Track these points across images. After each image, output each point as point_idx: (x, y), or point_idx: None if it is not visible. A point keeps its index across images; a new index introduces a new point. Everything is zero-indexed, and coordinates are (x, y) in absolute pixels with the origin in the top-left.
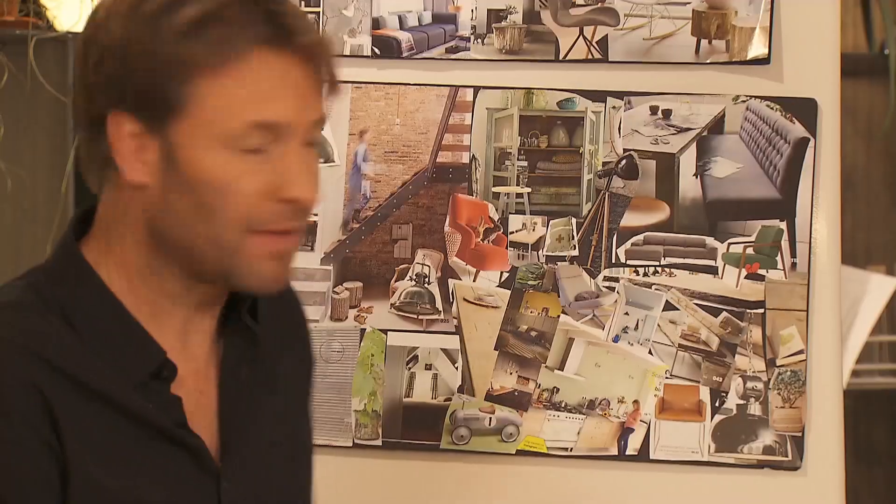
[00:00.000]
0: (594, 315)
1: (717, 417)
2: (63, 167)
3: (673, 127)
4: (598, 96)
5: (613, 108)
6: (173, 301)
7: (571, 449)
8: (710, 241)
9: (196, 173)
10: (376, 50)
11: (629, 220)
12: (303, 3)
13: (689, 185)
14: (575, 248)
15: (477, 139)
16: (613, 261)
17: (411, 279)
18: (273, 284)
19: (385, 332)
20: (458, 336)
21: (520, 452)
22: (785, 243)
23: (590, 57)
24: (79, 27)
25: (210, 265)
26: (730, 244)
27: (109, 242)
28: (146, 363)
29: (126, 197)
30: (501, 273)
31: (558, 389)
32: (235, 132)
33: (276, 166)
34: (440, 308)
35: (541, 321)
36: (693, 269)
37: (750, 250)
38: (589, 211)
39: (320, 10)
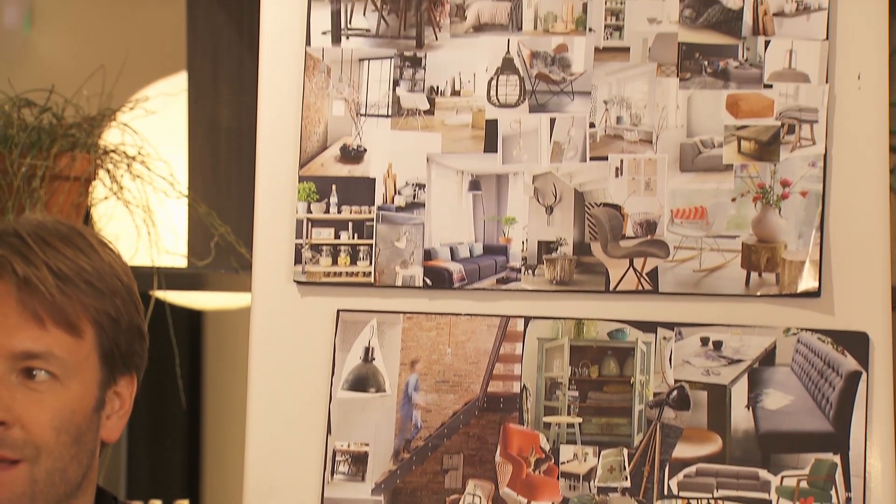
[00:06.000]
0: None
1: None
2: None
3: (724, 358)
4: (648, 327)
5: (664, 338)
6: None
7: None
8: (763, 473)
9: None
10: (428, 281)
11: (681, 451)
12: (355, 235)
13: (741, 417)
14: (627, 480)
15: (528, 369)
16: (665, 492)
17: None
18: None
19: None
20: None
21: None
22: (839, 477)
23: (640, 288)
24: None
25: None
26: (783, 477)
27: None
28: None
29: None
30: None
31: None
32: None
33: None
34: None
35: None
36: (746, 501)
37: (804, 484)
38: (640, 442)
39: (373, 242)
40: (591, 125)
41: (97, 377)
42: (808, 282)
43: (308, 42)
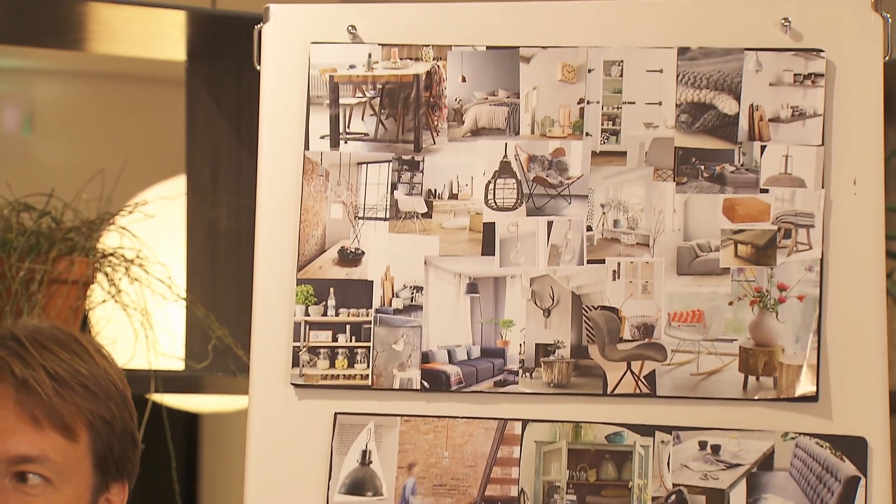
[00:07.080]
0: None
1: None
2: None
3: (722, 462)
4: (646, 431)
5: (662, 442)
6: None
7: None
8: None
9: None
10: (425, 383)
11: None
12: (353, 337)
13: None
14: None
15: (525, 472)
16: None
17: None
18: None
19: None
20: None
21: None
22: None
23: (637, 391)
24: None
25: None
26: None
27: None
28: None
29: None
30: None
31: None
32: None
33: None
34: None
35: None
36: None
37: None
38: None
39: (370, 344)
40: (589, 228)
41: (90, 482)
42: (805, 386)
43: (307, 146)
